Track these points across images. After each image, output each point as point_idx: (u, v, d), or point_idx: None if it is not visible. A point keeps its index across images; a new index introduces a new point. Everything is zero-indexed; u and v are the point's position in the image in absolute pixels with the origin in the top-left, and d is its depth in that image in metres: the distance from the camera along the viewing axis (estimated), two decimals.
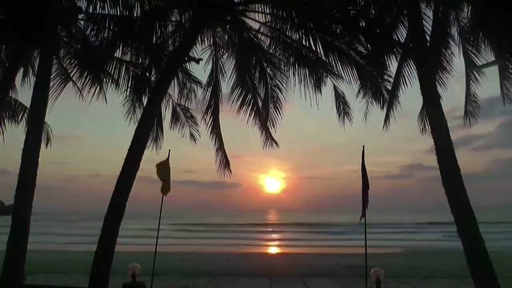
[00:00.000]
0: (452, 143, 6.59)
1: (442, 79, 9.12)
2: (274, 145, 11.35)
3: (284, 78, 10.45)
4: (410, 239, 38.57)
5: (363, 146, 8.29)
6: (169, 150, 9.44)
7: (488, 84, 9.27)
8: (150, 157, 10.80)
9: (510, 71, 8.66)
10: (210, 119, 11.16)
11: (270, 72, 10.54)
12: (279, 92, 10.78)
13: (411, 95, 8.81)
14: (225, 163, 11.50)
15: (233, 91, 10.72)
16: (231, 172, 11.59)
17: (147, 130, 8.53)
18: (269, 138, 11.27)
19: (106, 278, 7.40)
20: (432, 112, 6.99)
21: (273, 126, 11.23)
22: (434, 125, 6.82)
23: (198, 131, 11.68)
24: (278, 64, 10.32)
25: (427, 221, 66.98)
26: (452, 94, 9.42)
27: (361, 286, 8.70)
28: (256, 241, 39.16)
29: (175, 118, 11.56)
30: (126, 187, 7.83)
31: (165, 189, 9.27)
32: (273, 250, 33.22)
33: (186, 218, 73.74)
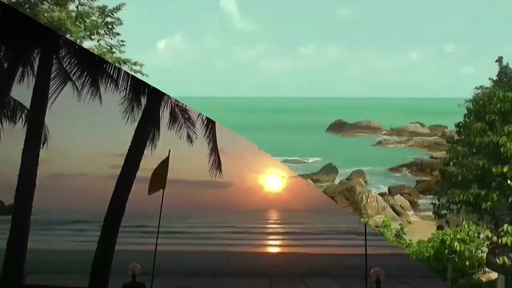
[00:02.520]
0: None
1: None
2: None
3: None
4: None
5: None
6: (169, 150, 9.42)
7: None
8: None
9: None
10: (205, 118, 11.07)
11: None
12: None
13: None
14: (218, 164, 11.47)
15: None
16: (221, 172, 11.56)
17: (147, 130, 8.52)
18: None
19: (106, 278, 7.40)
20: None
21: None
22: None
23: (195, 133, 11.64)
24: None
25: None
26: None
27: (361, 286, 8.67)
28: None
29: (173, 118, 11.52)
30: (126, 187, 7.84)
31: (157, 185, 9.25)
32: (273, 249, 33.16)
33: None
